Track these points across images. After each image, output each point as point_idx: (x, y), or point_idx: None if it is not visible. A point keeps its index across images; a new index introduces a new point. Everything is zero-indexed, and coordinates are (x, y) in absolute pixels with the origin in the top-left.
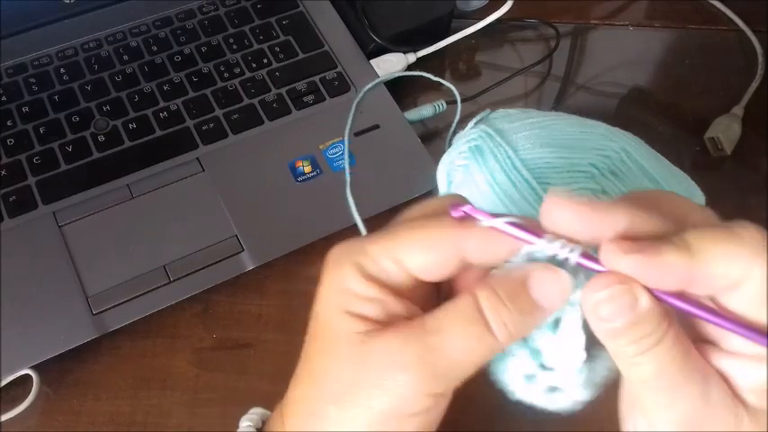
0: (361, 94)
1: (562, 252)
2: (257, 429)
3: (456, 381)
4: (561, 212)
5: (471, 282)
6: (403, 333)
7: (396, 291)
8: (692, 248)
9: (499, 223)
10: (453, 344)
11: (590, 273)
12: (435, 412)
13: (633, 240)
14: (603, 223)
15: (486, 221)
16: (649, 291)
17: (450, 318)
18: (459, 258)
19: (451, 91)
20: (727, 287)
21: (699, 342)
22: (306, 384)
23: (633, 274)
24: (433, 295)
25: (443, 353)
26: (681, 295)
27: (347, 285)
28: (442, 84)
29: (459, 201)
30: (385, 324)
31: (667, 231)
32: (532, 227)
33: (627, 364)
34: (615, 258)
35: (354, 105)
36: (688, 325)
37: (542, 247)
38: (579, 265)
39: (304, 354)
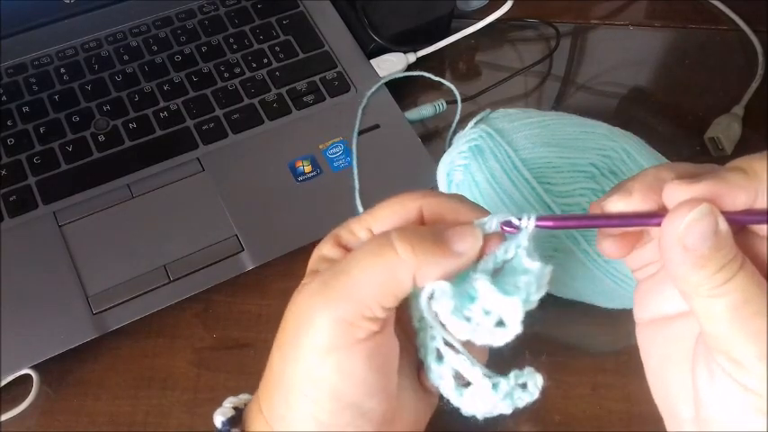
0: (364, 101)
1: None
2: (233, 417)
3: (372, 304)
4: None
5: None
6: (323, 271)
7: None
8: (747, 170)
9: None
10: (357, 266)
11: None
12: (376, 344)
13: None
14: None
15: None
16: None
17: (361, 246)
18: (417, 221)
19: (452, 91)
20: None
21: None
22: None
23: (707, 196)
24: None
25: (349, 276)
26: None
27: (321, 252)
28: (442, 83)
29: (457, 194)
30: None
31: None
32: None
33: (710, 298)
34: (685, 190)
35: (360, 111)
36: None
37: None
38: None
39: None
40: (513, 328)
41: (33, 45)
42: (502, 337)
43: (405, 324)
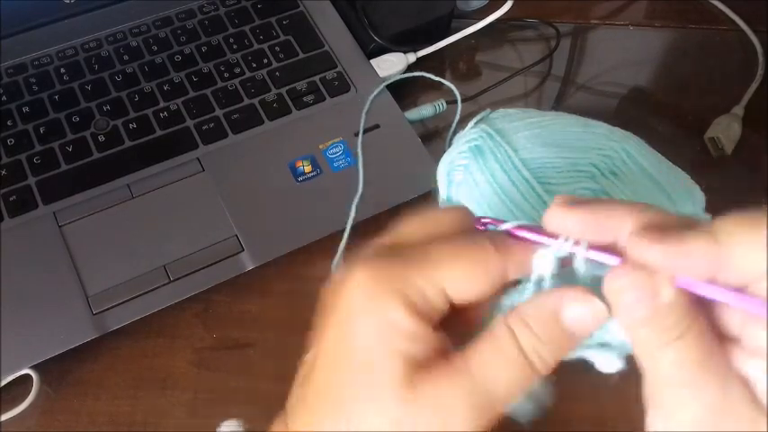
0: (367, 105)
1: (571, 248)
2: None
3: (500, 415)
4: (562, 220)
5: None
6: (450, 375)
7: (436, 321)
8: (717, 234)
9: (514, 227)
10: (499, 383)
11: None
12: None
13: (657, 230)
14: (608, 223)
15: (505, 226)
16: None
17: (493, 357)
18: (502, 281)
19: (452, 91)
20: (758, 275)
21: (722, 341)
22: (340, 423)
23: (661, 263)
24: None
25: (490, 392)
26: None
27: (394, 321)
28: (442, 84)
29: (467, 213)
30: (426, 362)
31: (681, 223)
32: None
33: (647, 356)
34: (642, 249)
35: (363, 114)
36: (712, 323)
37: (556, 246)
38: (591, 260)
39: (328, 385)
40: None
41: (33, 45)
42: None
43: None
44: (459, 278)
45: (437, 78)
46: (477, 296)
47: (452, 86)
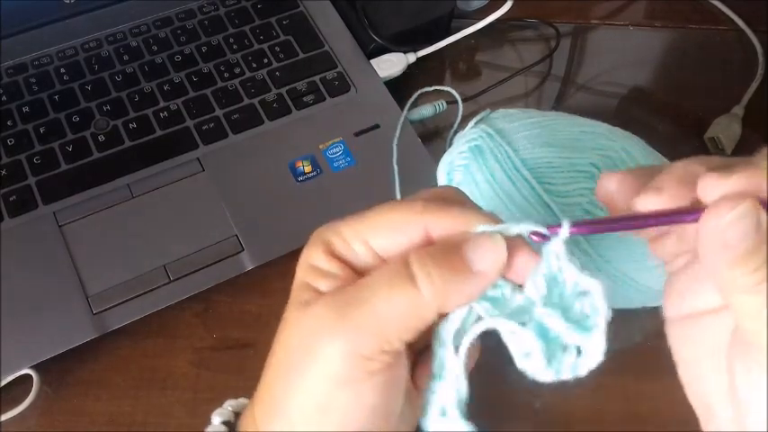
0: (397, 135)
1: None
2: (231, 422)
3: (393, 339)
4: (614, 185)
5: None
6: (333, 294)
7: (360, 271)
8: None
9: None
10: (376, 298)
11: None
12: (391, 373)
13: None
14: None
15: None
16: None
17: (377, 274)
18: (424, 241)
19: (453, 90)
20: None
21: None
22: (267, 365)
23: (746, 188)
24: None
25: (368, 308)
26: None
27: (312, 261)
28: (441, 84)
29: (455, 192)
30: None
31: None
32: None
33: (748, 294)
34: (722, 183)
35: (399, 127)
36: None
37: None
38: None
39: (267, 363)
40: (597, 357)
41: (33, 45)
42: (585, 367)
43: None
44: (377, 229)
45: (434, 88)
46: (398, 247)
47: (452, 90)
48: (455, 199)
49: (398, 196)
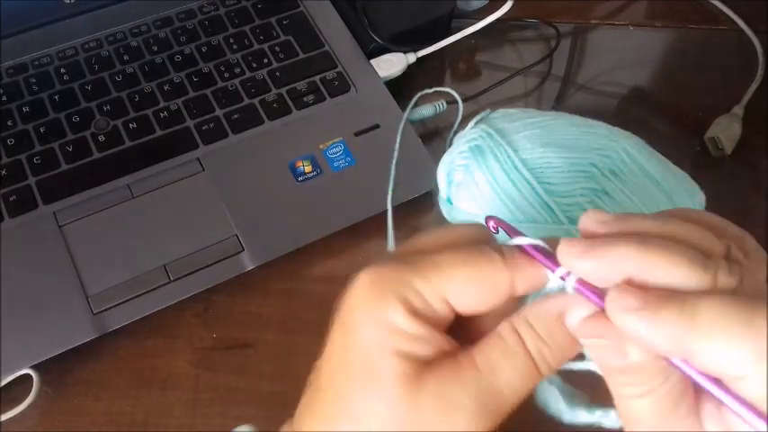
0: (399, 137)
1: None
2: None
3: (505, 415)
4: (569, 260)
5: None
6: (456, 373)
7: (440, 326)
8: (696, 319)
9: (526, 242)
10: (505, 382)
11: None
12: None
13: (642, 288)
14: (609, 263)
15: (517, 240)
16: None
17: (499, 356)
18: (508, 295)
19: (452, 91)
20: (730, 377)
21: (699, 393)
22: (342, 424)
23: (629, 329)
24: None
25: (496, 391)
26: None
27: (393, 322)
28: (441, 84)
29: (483, 228)
30: (431, 362)
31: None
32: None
33: (618, 398)
34: (615, 313)
35: (400, 132)
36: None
37: (552, 280)
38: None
39: (331, 387)
40: None
41: (33, 45)
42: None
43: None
44: (460, 287)
45: (434, 90)
46: (481, 307)
47: (452, 91)
48: (487, 241)
49: (389, 199)
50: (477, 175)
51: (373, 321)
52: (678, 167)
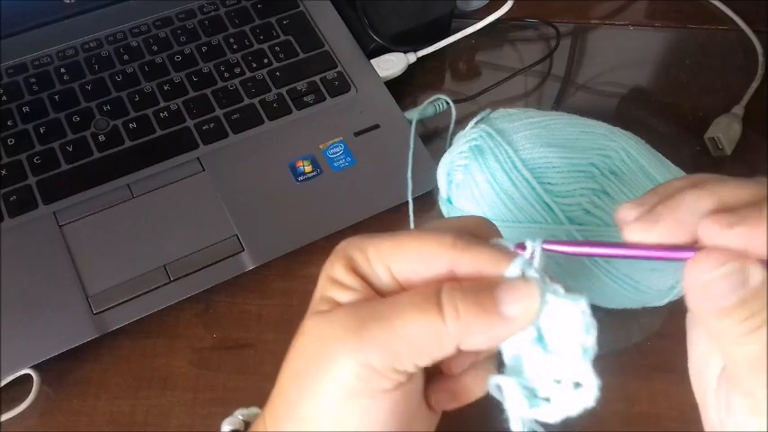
0: (412, 140)
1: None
2: (240, 431)
3: (406, 361)
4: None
5: None
6: (352, 306)
7: (378, 292)
8: None
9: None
10: (398, 317)
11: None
12: (402, 393)
13: (729, 212)
14: (683, 222)
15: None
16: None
17: (403, 295)
18: (447, 276)
19: (452, 91)
20: None
21: None
22: (281, 370)
23: (740, 246)
24: None
25: (387, 325)
26: None
27: (333, 274)
28: (441, 84)
29: (484, 223)
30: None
31: (753, 196)
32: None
33: (730, 343)
34: (723, 234)
35: (412, 138)
36: None
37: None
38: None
39: (283, 368)
40: (593, 386)
41: (33, 45)
42: (585, 400)
43: None
44: (404, 261)
45: (433, 96)
46: (415, 277)
47: (445, 97)
48: (484, 234)
49: (410, 191)
50: (477, 176)
51: (322, 274)
52: (678, 167)
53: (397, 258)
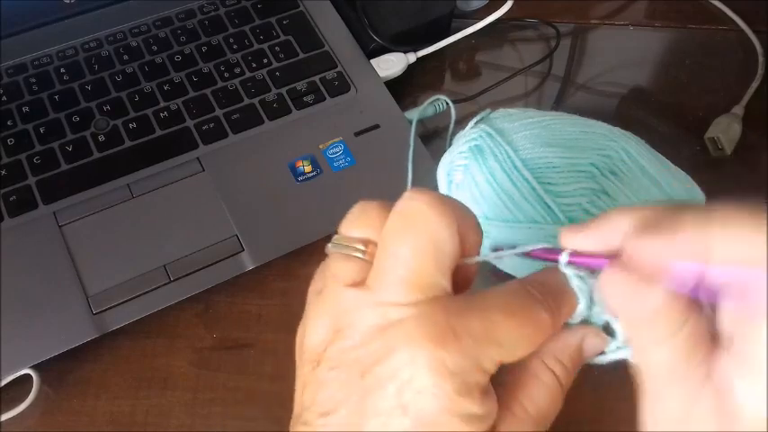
0: (412, 140)
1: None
2: None
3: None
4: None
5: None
6: (515, 421)
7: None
8: (710, 217)
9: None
10: (548, 414)
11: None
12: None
13: (651, 226)
14: (611, 232)
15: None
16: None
17: (541, 395)
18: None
19: (452, 91)
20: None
21: (715, 346)
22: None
23: (655, 257)
24: None
25: (544, 423)
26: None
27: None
28: (441, 84)
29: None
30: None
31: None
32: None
33: (639, 352)
34: (634, 246)
35: (412, 138)
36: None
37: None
38: (579, 264)
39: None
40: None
41: (33, 45)
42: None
43: None
44: (510, 352)
45: (435, 96)
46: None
47: (445, 98)
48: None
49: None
50: (477, 176)
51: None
52: (678, 167)
53: (509, 356)
